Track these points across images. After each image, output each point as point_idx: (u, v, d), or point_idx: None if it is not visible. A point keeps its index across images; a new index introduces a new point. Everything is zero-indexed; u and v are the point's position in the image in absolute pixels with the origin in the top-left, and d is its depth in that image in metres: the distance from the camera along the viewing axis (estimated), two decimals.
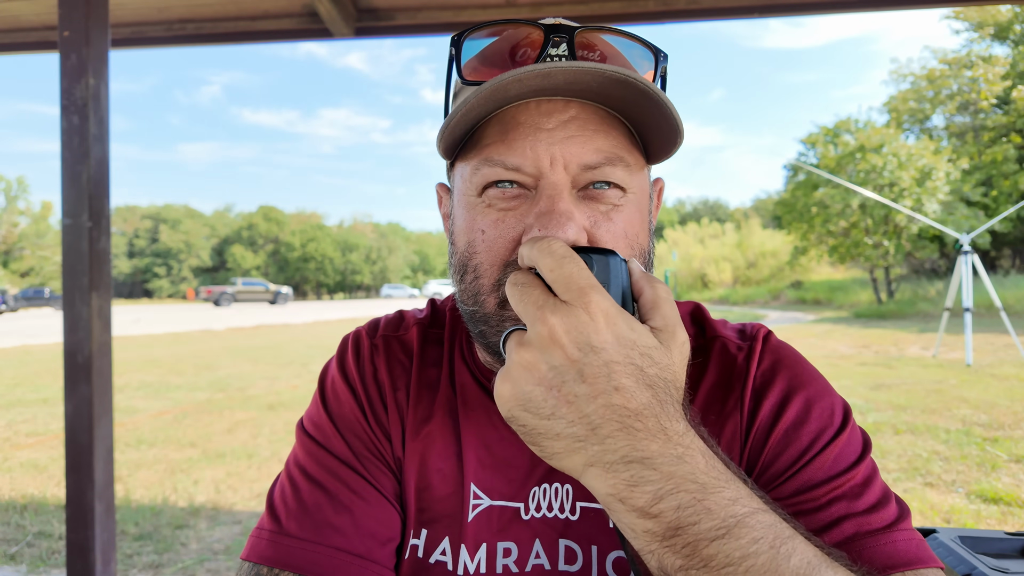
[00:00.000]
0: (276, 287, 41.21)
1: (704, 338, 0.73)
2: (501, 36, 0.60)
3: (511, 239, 0.59)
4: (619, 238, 0.60)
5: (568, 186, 0.58)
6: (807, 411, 0.65)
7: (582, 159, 0.58)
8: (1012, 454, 4.67)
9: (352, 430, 0.70)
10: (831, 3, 2.75)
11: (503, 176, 0.59)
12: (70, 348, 2.08)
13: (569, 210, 0.57)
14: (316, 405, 0.73)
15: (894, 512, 0.60)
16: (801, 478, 0.62)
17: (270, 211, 69.55)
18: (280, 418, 6.37)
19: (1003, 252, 27.15)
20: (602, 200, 0.60)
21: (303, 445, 0.71)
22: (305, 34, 2.92)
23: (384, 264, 70.11)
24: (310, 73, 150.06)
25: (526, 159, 0.58)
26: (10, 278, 46.93)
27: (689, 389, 0.68)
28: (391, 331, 0.76)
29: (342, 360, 0.74)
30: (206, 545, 3.35)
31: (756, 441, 0.65)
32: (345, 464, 0.68)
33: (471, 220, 0.62)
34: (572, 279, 0.48)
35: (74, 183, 2.07)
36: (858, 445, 0.64)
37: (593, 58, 0.60)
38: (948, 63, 26.18)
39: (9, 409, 6.95)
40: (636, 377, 0.47)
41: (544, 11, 2.77)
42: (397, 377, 0.72)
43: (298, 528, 0.65)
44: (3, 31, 3.12)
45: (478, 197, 0.61)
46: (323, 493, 0.67)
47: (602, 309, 0.47)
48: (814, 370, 0.69)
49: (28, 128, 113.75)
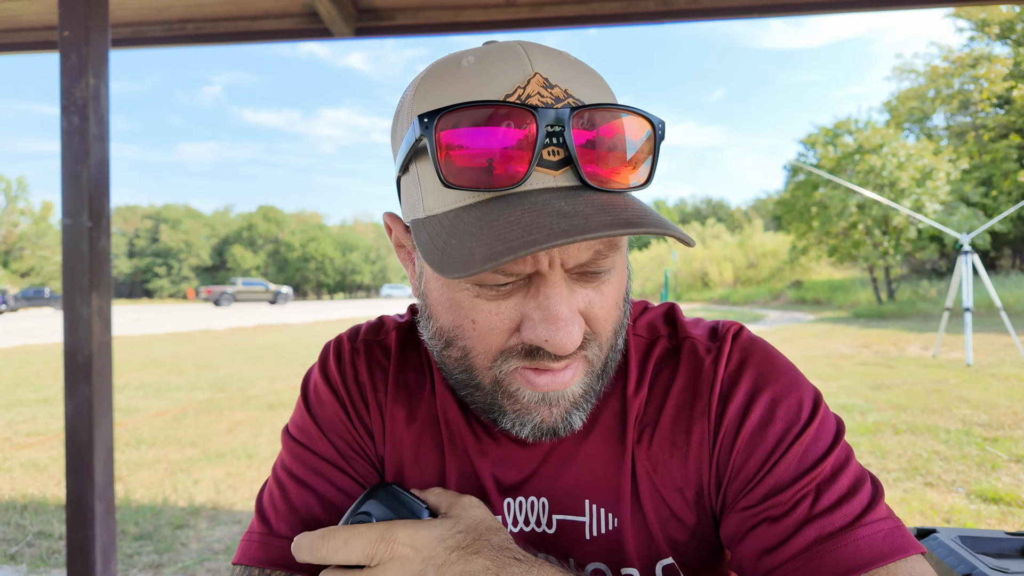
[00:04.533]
0: (276, 287, 41.17)
1: (676, 339, 0.72)
2: (481, 122, 0.51)
3: (506, 330, 0.57)
4: (610, 310, 0.60)
5: (563, 279, 0.55)
6: (772, 411, 0.64)
7: (578, 259, 0.55)
8: (1012, 454, 4.67)
9: (336, 431, 0.71)
10: (831, 3, 2.75)
11: (498, 280, 0.55)
12: (70, 348, 2.08)
13: (571, 312, 0.55)
14: (300, 410, 0.74)
15: (862, 503, 0.58)
16: (768, 482, 0.61)
17: (270, 211, 69.51)
18: (280, 418, 6.36)
19: (1003, 252, 27.12)
20: (595, 280, 0.58)
21: (289, 449, 0.72)
22: (305, 34, 2.92)
23: (384, 264, 70.08)
24: (311, 73, 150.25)
25: (522, 264, 0.54)
26: (10, 278, 46.90)
27: (660, 394, 0.68)
28: (371, 336, 0.76)
29: (324, 365, 0.75)
30: (206, 545, 3.35)
31: (723, 447, 0.64)
32: (331, 464, 0.69)
33: (456, 302, 0.58)
34: (365, 545, 0.54)
35: (74, 183, 2.07)
36: (828, 435, 0.62)
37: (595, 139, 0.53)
38: (952, 61, 26.16)
39: (9, 409, 6.95)
40: (463, 559, 0.53)
41: (544, 11, 2.77)
42: (377, 379, 0.73)
43: (288, 529, 0.67)
44: (3, 31, 3.12)
45: (463, 282, 0.56)
46: (311, 493, 0.68)
47: (402, 540, 0.54)
48: (783, 364, 0.67)
49: (28, 128, 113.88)
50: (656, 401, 0.68)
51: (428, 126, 0.52)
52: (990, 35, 25.03)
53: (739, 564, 0.63)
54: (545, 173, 0.52)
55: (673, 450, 0.66)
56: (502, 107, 0.51)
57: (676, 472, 0.65)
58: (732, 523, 0.63)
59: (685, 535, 0.66)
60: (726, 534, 0.64)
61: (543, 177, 0.52)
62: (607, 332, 0.61)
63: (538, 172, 0.52)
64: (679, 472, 0.65)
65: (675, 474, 0.65)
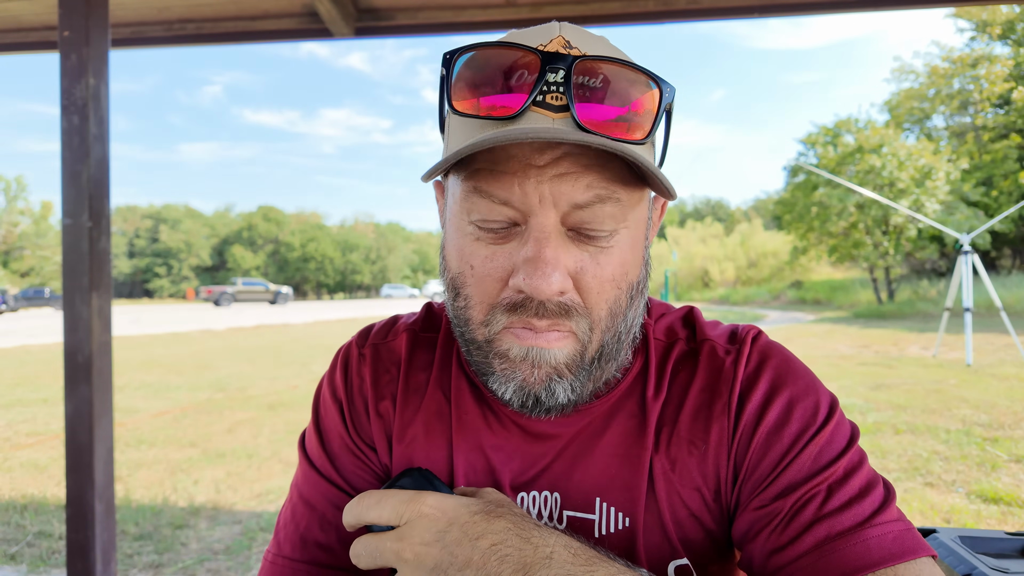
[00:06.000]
0: (276, 287, 41.13)
1: (695, 342, 0.72)
2: (493, 60, 0.56)
3: (499, 279, 0.59)
4: (605, 283, 0.59)
5: (556, 228, 0.57)
6: (789, 412, 0.64)
7: (572, 197, 0.56)
8: (1012, 454, 4.67)
9: (337, 445, 0.73)
10: (831, 3, 2.74)
11: (492, 211, 0.58)
12: (70, 348, 2.08)
13: (555, 258, 0.56)
14: (311, 421, 0.76)
15: (873, 505, 0.59)
16: (782, 481, 0.61)
17: (270, 211, 69.50)
18: (280, 418, 6.37)
19: (1003, 252, 27.12)
20: (590, 243, 0.58)
21: (300, 465, 0.75)
22: (305, 34, 2.92)
23: (384, 264, 70.09)
24: (311, 73, 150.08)
25: (514, 195, 0.56)
26: (10, 278, 46.91)
27: (679, 394, 0.69)
28: (380, 339, 0.77)
29: (332, 375, 0.76)
30: (206, 545, 3.35)
31: (740, 445, 0.65)
32: (331, 483, 0.71)
33: (461, 247, 0.61)
34: (395, 505, 0.57)
35: (74, 183, 2.07)
36: (843, 438, 0.63)
37: (595, 85, 0.55)
38: (953, 61, 26.14)
39: (9, 409, 6.95)
40: (485, 520, 0.55)
41: (544, 11, 2.77)
42: (383, 386, 0.73)
43: (291, 549, 0.70)
44: (3, 31, 3.12)
45: (468, 224, 0.60)
46: (312, 513, 0.70)
47: (428, 503, 0.56)
48: (801, 368, 0.69)
49: (28, 128, 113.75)
50: (675, 401, 0.68)
51: (448, 61, 0.57)
52: (991, 35, 25.02)
53: (749, 562, 0.63)
54: (544, 114, 0.55)
55: (691, 449, 0.66)
56: (511, 48, 0.55)
57: (695, 471, 0.66)
58: (744, 522, 0.63)
59: (701, 534, 0.66)
60: (738, 532, 0.65)
61: (541, 117, 0.55)
62: (600, 309, 0.60)
63: (536, 112, 0.55)
64: (698, 471, 0.66)
65: (694, 473, 0.66)
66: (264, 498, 4.04)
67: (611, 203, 0.57)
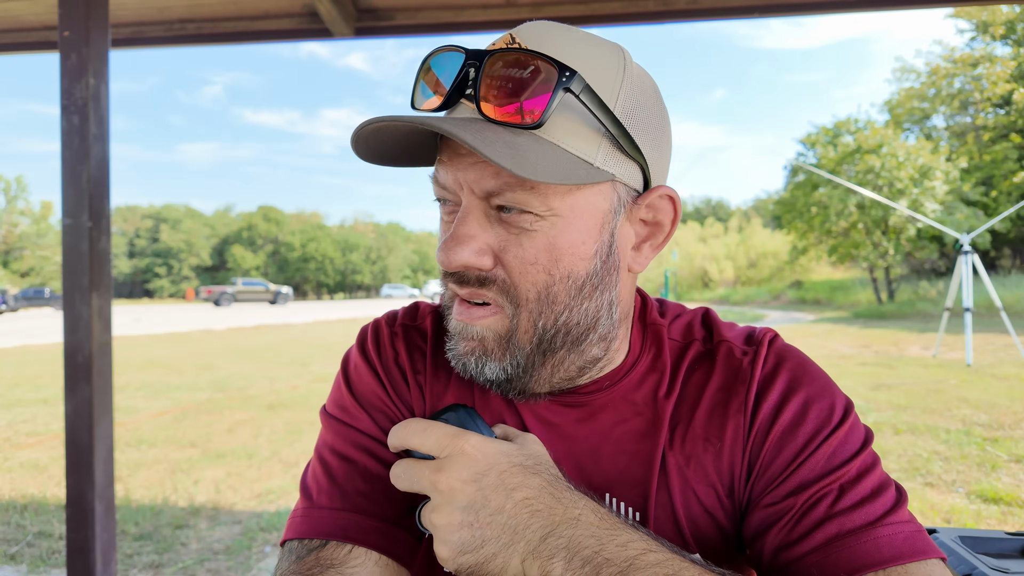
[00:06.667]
0: (276, 287, 41.14)
1: (712, 342, 0.73)
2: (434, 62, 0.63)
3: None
4: (527, 264, 0.60)
5: (478, 209, 0.61)
6: (804, 411, 0.65)
7: (483, 185, 0.59)
8: (1012, 454, 4.67)
9: (376, 407, 0.72)
10: (831, 3, 2.74)
11: (440, 193, 0.64)
12: (70, 348, 2.08)
13: (466, 234, 0.60)
14: (339, 388, 0.75)
15: (884, 505, 0.59)
16: (794, 480, 0.62)
17: (270, 211, 69.51)
18: (280, 418, 6.37)
19: (1003, 252, 27.12)
20: (512, 224, 0.60)
21: (329, 427, 0.73)
22: (305, 34, 2.92)
23: (384, 264, 70.10)
24: (311, 73, 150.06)
25: (448, 180, 0.62)
26: (10, 278, 46.90)
27: (694, 393, 0.70)
28: (408, 320, 0.79)
29: (363, 345, 0.77)
30: (206, 545, 3.35)
31: (755, 443, 0.66)
32: (372, 438, 0.71)
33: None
34: (440, 437, 0.57)
35: (74, 183, 2.07)
36: (857, 440, 0.64)
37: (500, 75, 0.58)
38: (954, 61, 26.14)
39: (9, 409, 6.95)
40: (523, 473, 0.56)
41: (544, 11, 2.77)
42: (416, 360, 0.75)
43: (328, 500, 0.68)
44: (3, 31, 3.12)
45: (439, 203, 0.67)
46: (352, 466, 0.69)
47: (471, 443, 0.57)
48: (817, 370, 0.70)
49: (28, 128, 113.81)
50: (689, 400, 0.69)
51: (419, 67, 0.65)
52: (993, 35, 25.01)
53: (758, 559, 0.64)
54: (469, 107, 0.60)
55: (707, 445, 0.67)
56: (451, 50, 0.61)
57: (710, 467, 0.67)
58: (755, 518, 0.64)
59: (713, 531, 0.67)
60: (748, 529, 0.65)
61: (464, 109, 0.61)
62: (525, 289, 0.61)
63: (465, 104, 0.61)
64: (713, 467, 0.67)
65: (708, 469, 0.67)
66: (264, 498, 4.05)
67: (522, 191, 0.58)
